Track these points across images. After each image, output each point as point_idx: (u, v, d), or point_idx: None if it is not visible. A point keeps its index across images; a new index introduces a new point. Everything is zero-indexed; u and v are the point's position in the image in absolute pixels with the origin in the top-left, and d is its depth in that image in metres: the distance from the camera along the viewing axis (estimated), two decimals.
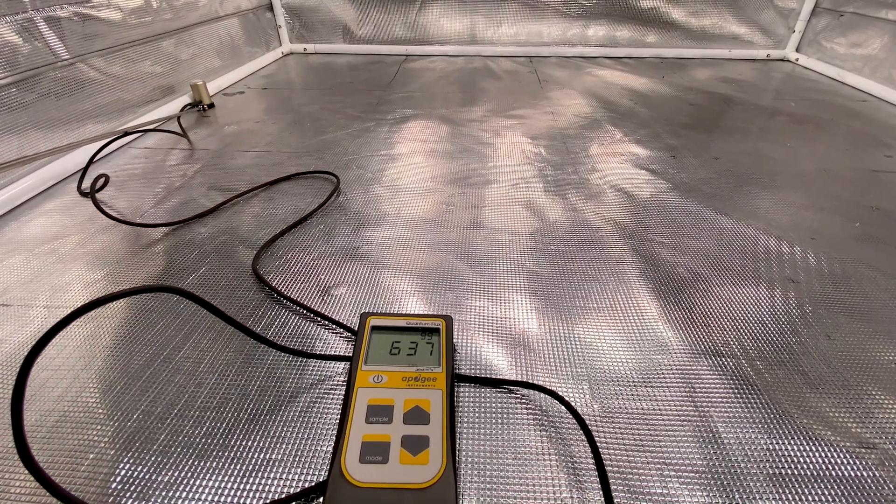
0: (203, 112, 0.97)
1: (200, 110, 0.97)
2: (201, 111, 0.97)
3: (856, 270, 0.51)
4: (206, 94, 0.98)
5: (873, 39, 1.14)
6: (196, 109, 0.97)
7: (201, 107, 0.97)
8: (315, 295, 0.47)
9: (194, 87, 0.97)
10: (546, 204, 0.64)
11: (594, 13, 1.36)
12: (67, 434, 0.34)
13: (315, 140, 0.84)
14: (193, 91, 0.98)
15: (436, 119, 0.93)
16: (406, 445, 0.29)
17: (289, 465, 0.32)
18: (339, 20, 1.41)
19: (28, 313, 0.45)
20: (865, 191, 0.68)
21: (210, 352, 0.40)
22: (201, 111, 0.97)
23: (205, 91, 0.98)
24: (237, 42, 1.22)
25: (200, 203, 0.64)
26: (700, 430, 0.35)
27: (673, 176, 0.71)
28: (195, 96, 0.98)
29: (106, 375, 0.38)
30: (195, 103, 0.98)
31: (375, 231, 0.58)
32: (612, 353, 0.41)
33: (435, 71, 1.27)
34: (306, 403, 0.36)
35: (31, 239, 0.56)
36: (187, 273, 0.50)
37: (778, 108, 1.00)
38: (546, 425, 0.34)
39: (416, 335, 0.37)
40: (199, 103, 0.97)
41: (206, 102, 0.98)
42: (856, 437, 0.34)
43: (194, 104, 0.97)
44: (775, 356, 0.41)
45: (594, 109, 0.99)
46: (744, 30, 1.37)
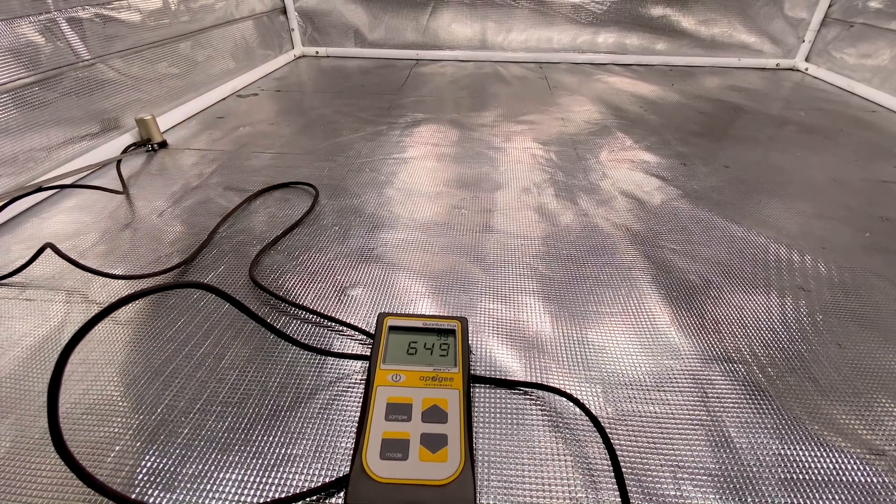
0: (155, 150, 0.80)
1: (152, 149, 0.80)
2: (150, 150, 0.80)
3: (866, 280, 0.52)
4: (156, 131, 0.81)
5: (883, 50, 1.14)
6: (145, 149, 0.80)
7: (151, 145, 0.80)
8: (332, 295, 0.48)
9: (141, 123, 0.79)
10: (557, 209, 0.64)
11: (604, 20, 1.37)
12: (93, 426, 0.34)
13: (328, 143, 0.85)
14: (140, 127, 0.79)
15: (447, 123, 0.94)
16: (425, 443, 0.30)
17: (309, 459, 0.32)
18: (351, 24, 1.42)
19: (50, 308, 0.46)
20: (875, 201, 0.68)
21: (230, 348, 0.41)
22: (150, 150, 0.80)
23: (154, 127, 0.80)
24: (251, 44, 1.23)
25: (217, 203, 0.65)
26: (713, 434, 0.35)
27: (683, 183, 0.72)
28: (142, 133, 0.80)
29: (129, 370, 0.39)
30: (142, 142, 0.80)
31: (389, 233, 0.59)
32: (624, 358, 0.41)
33: (445, 75, 1.28)
34: (325, 400, 0.37)
35: (51, 235, 0.57)
36: (207, 271, 0.51)
37: (787, 118, 1.00)
38: (561, 427, 0.35)
39: (432, 336, 0.38)
40: (148, 142, 0.80)
41: (157, 141, 0.80)
42: (866, 444, 0.35)
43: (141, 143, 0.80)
44: (786, 363, 0.41)
45: (604, 116, 0.99)
46: (753, 39, 1.37)
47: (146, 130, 0.79)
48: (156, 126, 0.80)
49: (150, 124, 0.79)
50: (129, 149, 0.77)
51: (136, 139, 0.82)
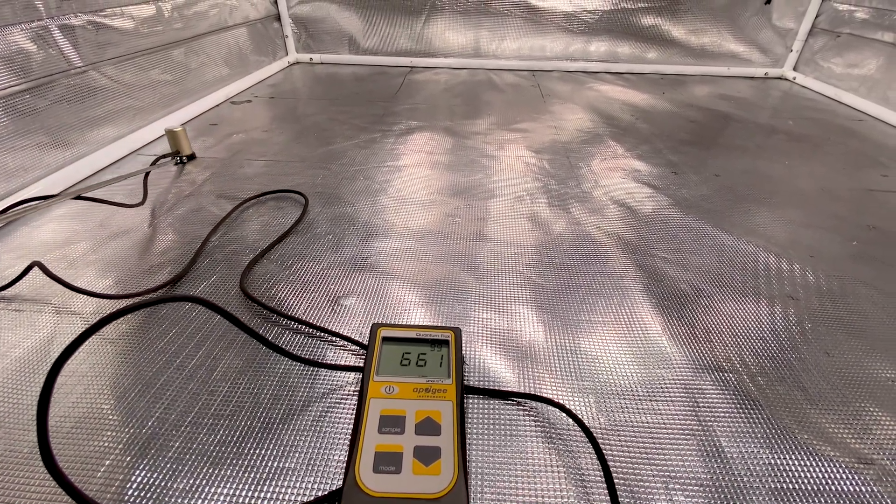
0: (184, 163, 0.78)
1: (180, 161, 0.78)
2: (182, 162, 0.78)
3: (854, 288, 0.52)
4: (185, 143, 0.78)
5: (869, 60, 1.16)
6: (173, 161, 0.78)
7: (180, 157, 0.78)
8: (325, 305, 0.48)
9: (170, 134, 0.76)
10: (550, 217, 0.65)
11: (596, 29, 1.38)
12: (83, 440, 0.34)
13: (322, 150, 0.85)
14: (169, 140, 0.77)
15: (440, 131, 0.95)
16: (418, 456, 0.30)
17: (302, 473, 0.32)
18: (346, 31, 1.43)
19: (39, 319, 0.45)
20: (862, 210, 0.69)
21: (222, 359, 0.41)
22: (182, 162, 0.78)
23: (184, 138, 0.77)
24: (245, 51, 1.23)
25: (210, 211, 0.64)
26: (704, 444, 0.35)
27: (674, 192, 0.72)
28: (173, 146, 0.78)
29: (120, 382, 0.39)
30: (172, 154, 0.78)
31: (383, 242, 0.59)
32: (617, 367, 0.42)
33: (439, 83, 1.28)
34: (318, 412, 0.37)
35: (41, 244, 0.57)
36: (199, 281, 0.51)
37: (776, 127, 1.02)
38: (554, 437, 0.35)
39: (425, 346, 0.38)
40: (177, 154, 0.78)
41: (186, 153, 0.79)
42: (855, 453, 0.35)
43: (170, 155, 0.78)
44: (776, 372, 0.42)
45: (596, 124, 1.00)
46: (742, 48, 1.39)
47: (175, 142, 0.77)
48: (185, 137, 0.78)
49: (180, 136, 0.77)
50: (158, 160, 0.75)
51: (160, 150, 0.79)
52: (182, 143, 0.77)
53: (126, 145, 0.82)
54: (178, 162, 0.78)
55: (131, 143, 0.83)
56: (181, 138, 0.77)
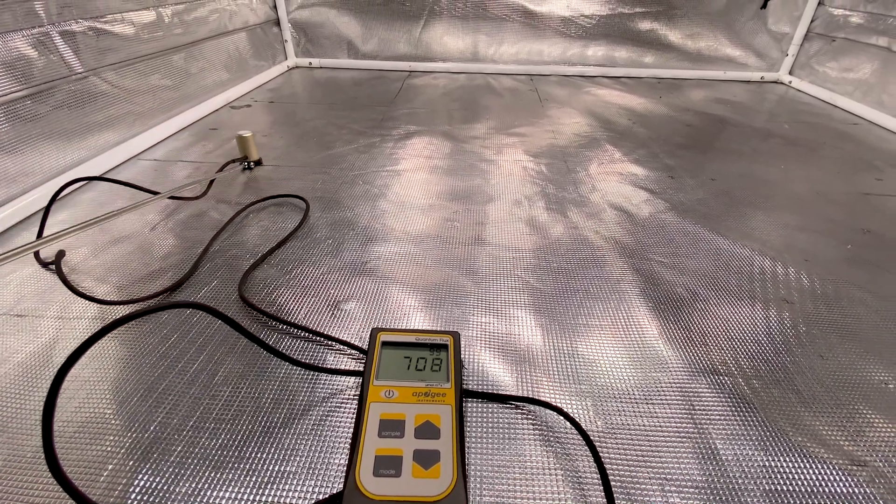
0: (251, 169, 0.79)
1: (248, 167, 0.79)
2: (249, 168, 0.79)
3: (847, 292, 0.53)
4: (253, 149, 0.79)
5: (864, 64, 1.17)
6: (241, 166, 0.78)
7: (248, 163, 0.79)
8: (325, 309, 0.48)
9: (240, 140, 0.78)
10: (548, 221, 0.65)
11: (593, 34, 1.39)
12: (86, 444, 0.34)
13: (322, 155, 0.85)
14: (239, 145, 0.78)
15: (439, 136, 0.95)
16: (418, 459, 0.30)
17: (303, 477, 0.33)
18: (345, 36, 1.44)
19: (41, 324, 0.46)
20: (857, 213, 0.70)
21: (224, 364, 0.41)
22: (249, 168, 0.79)
23: (252, 144, 0.78)
24: (244, 56, 1.24)
25: (210, 216, 0.65)
26: (699, 446, 0.36)
27: (671, 196, 0.73)
28: (241, 151, 0.78)
29: (122, 387, 0.39)
30: (239, 159, 0.78)
31: (383, 246, 0.59)
32: (614, 371, 0.42)
33: (438, 87, 1.29)
34: (319, 416, 0.37)
35: (42, 250, 0.57)
36: (200, 286, 0.51)
37: (771, 131, 1.03)
38: (552, 441, 0.36)
39: (425, 351, 0.39)
40: (245, 159, 0.78)
41: (253, 158, 0.79)
42: (848, 455, 0.35)
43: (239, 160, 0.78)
44: (771, 375, 0.42)
45: (593, 129, 1.01)
46: (738, 52, 1.41)
47: (244, 147, 0.77)
48: (253, 143, 0.78)
49: (249, 142, 0.77)
50: (226, 165, 0.76)
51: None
52: (251, 148, 0.78)
53: (126, 150, 0.82)
54: (246, 167, 0.79)
55: (132, 148, 0.84)
56: (250, 144, 0.78)
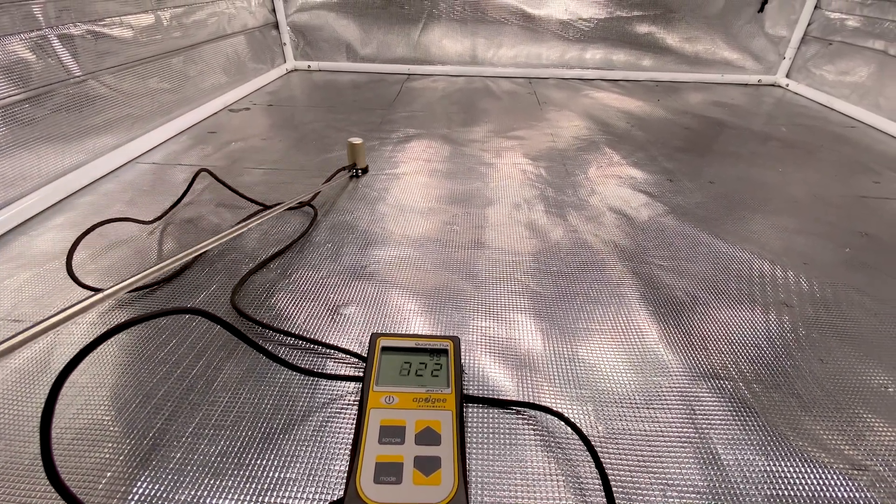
0: (358, 176, 0.78)
1: (355, 175, 0.78)
2: (356, 176, 0.78)
3: (846, 295, 0.53)
4: (362, 156, 0.78)
5: (861, 68, 1.18)
6: (349, 174, 0.78)
7: (356, 170, 0.78)
8: (324, 314, 0.48)
9: (351, 147, 0.77)
10: (547, 225, 0.66)
11: (592, 37, 1.40)
12: (85, 452, 0.34)
13: (321, 158, 0.85)
14: (348, 152, 0.77)
15: (438, 139, 0.95)
16: (419, 466, 0.30)
17: (304, 484, 0.32)
18: (343, 39, 1.44)
19: None
20: (854, 216, 0.70)
21: (223, 370, 0.41)
22: (356, 176, 0.78)
23: (362, 152, 0.77)
24: (243, 59, 1.24)
25: (208, 220, 0.65)
26: (700, 451, 0.36)
27: (670, 199, 0.73)
28: (350, 157, 0.77)
29: (121, 394, 0.39)
30: (348, 167, 0.77)
31: (382, 250, 0.59)
32: (614, 375, 0.42)
33: (437, 90, 1.29)
34: (319, 422, 0.37)
35: (40, 254, 0.57)
36: (199, 291, 0.51)
37: (769, 134, 1.03)
38: (553, 446, 0.35)
39: (425, 356, 0.38)
40: (353, 166, 0.78)
41: (361, 166, 0.79)
42: (848, 460, 0.35)
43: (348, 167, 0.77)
44: (771, 379, 0.42)
45: (592, 132, 1.01)
46: (736, 56, 1.41)
47: (354, 154, 0.77)
48: (363, 151, 0.78)
49: (359, 149, 0.77)
50: (337, 173, 0.75)
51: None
52: (360, 156, 0.77)
53: (125, 154, 0.82)
54: (354, 175, 0.78)
55: (130, 151, 0.83)
56: (360, 151, 0.77)
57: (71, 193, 0.71)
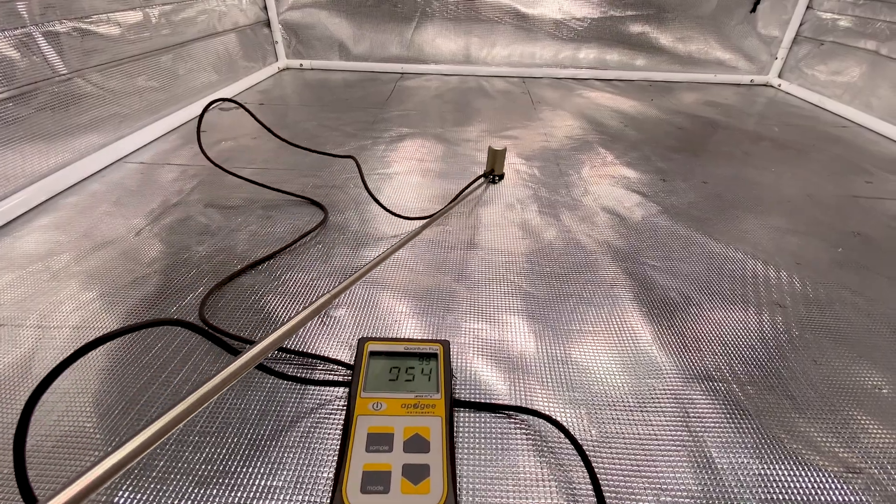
0: (494, 183, 0.76)
1: (492, 181, 0.76)
2: (493, 182, 0.76)
3: (839, 295, 0.53)
4: (502, 163, 0.75)
5: (852, 68, 1.18)
6: (487, 180, 0.76)
7: (493, 176, 0.76)
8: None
9: (492, 153, 0.74)
10: (540, 225, 0.65)
11: (585, 37, 1.39)
12: (65, 460, 0.33)
13: (312, 158, 0.84)
14: (489, 157, 0.75)
15: (431, 138, 0.95)
16: (407, 474, 0.29)
17: (290, 492, 0.32)
18: (336, 37, 1.43)
19: (20, 333, 0.44)
20: (847, 216, 0.70)
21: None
22: (493, 182, 0.76)
23: (503, 158, 0.75)
24: (234, 57, 1.22)
25: (197, 221, 0.64)
26: (694, 454, 0.35)
27: (663, 199, 0.73)
28: (490, 163, 0.75)
29: (103, 399, 0.38)
30: (486, 173, 0.75)
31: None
32: (608, 378, 0.41)
33: (430, 89, 1.29)
34: (306, 428, 0.36)
35: (23, 256, 0.56)
36: (185, 293, 0.50)
37: (762, 133, 1.03)
38: (545, 451, 0.35)
39: (414, 360, 0.38)
40: (491, 172, 0.75)
41: (499, 173, 0.76)
42: (843, 462, 0.35)
43: (486, 174, 0.75)
44: (765, 381, 0.42)
45: (585, 131, 1.01)
46: (728, 56, 1.41)
47: (494, 160, 0.75)
48: (504, 157, 0.75)
49: (500, 155, 0.74)
50: (476, 180, 0.74)
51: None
52: (500, 162, 0.75)
53: (112, 153, 0.81)
54: (491, 181, 0.76)
55: (118, 150, 0.82)
56: (501, 157, 0.75)
57: (56, 194, 0.70)
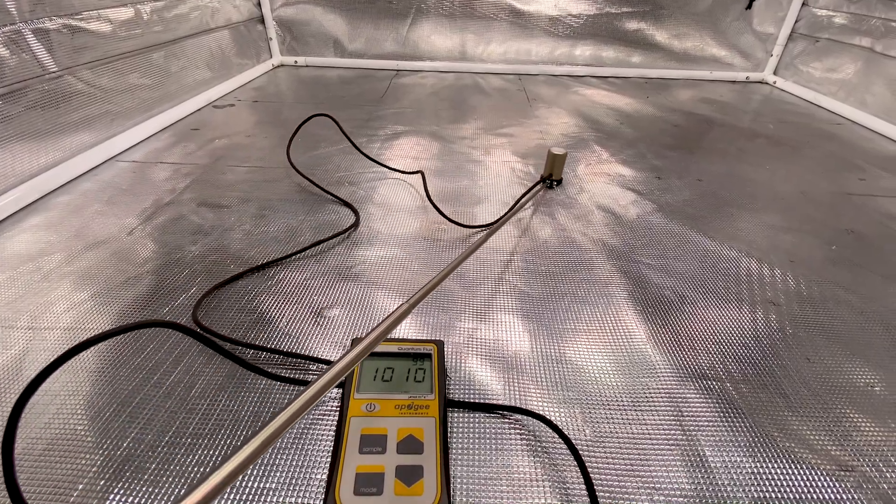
0: (551, 188, 0.75)
1: (549, 186, 0.76)
2: (550, 187, 0.76)
3: (833, 293, 0.53)
4: (561, 167, 0.75)
5: (847, 65, 1.19)
6: (545, 185, 0.75)
7: (550, 181, 0.75)
8: (308, 317, 0.47)
9: (550, 157, 0.74)
10: (536, 223, 0.65)
11: (581, 33, 1.39)
12: (56, 463, 0.33)
13: (306, 156, 0.84)
14: (548, 161, 0.74)
15: (427, 136, 0.94)
16: (400, 476, 0.29)
17: (283, 494, 0.32)
18: (331, 34, 1.42)
19: (11, 335, 0.44)
20: (840, 214, 0.70)
21: (201, 376, 0.40)
22: (550, 187, 0.76)
23: (562, 163, 0.74)
24: (227, 54, 1.21)
25: (190, 220, 0.63)
26: (688, 454, 0.35)
27: (658, 197, 0.73)
28: (548, 168, 0.75)
29: (94, 401, 0.38)
30: (544, 178, 0.75)
31: (368, 250, 0.58)
32: (602, 377, 0.41)
33: (425, 87, 1.28)
34: (299, 430, 0.36)
35: (14, 256, 0.55)
36: (178, 293, 0.50)
37: (757, 131, 1.03)
38: (539, 451, 0.35)
39: (407, 361, 0.38)
40: (549, 177, 0.75)
41: (557, 177, 0.76)
42: (835, 460, 0.35)
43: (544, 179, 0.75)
44: (758, 379, 0.42)
45: (581, 129, 1.01)
46: (724, 52, 1.41)
47: (553, 165, 0.74)
48: (563, 162, 0.75)
49: (560, 160, 0.74)
50: (535, 186, 0.72)
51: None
52: (559, 166, 0.75)
53: (104, 152, 0.80)
54: (549, 185, 0.76)
55: (109, 149, 0.81)
56: (560, 162, 0.74)
57: (47, 193, 0.69)
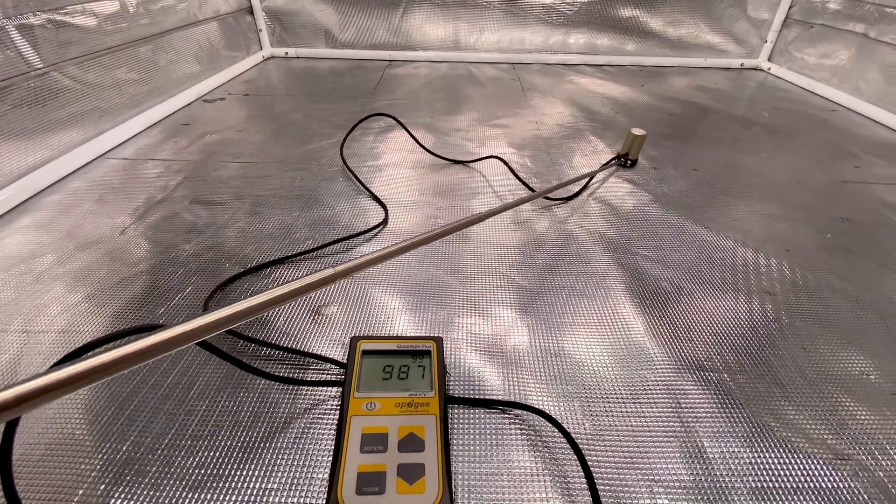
0: (625, 167, 0.79)
1: (623, 164, 0.79)
2: (624, 166, 0.79)
3: (828, 282, 0.54)
4: (638, 149, 0.78)
5: (841, 51, 1.18)
6: (619, 162, 0.79)
7: (625, 160, 0.78)
8: (305, 314, 0.47)
9: (630, 138, 0.77)
10: (532, 216, 0.65)
11: (575, 21, 1.38)
12: (55, 468, 0.33)
13: (300, 150, 0.83)
14: (627, 141, 0.77)
15: (421, 128, 0.93)
16: (402, 474, 0.29)
17: (285, 494, 0.32)
18: (321, 24, 1.39)
19: (4, 339, 0.44)
20: (835, 202, 0.70)
21: (200, 376, 0.40)
22: (624, 166, 0.79)
23: (640, 145, 0.77)
24: (216, 46, 1.19)
25: (183, 218, 0.62)
26: (686, 445, 0.36)
27: (654, 188, 0.73)
28: (626, 147, 0.78)
29: (92, 405, 0.37)
30: (621, 156, 0.78)
31: (364, 246, 0.58)
32: (601, 370, 0.42)
33: (419, 77, 1.27)
34: (300, 430, 0.36)
35: (5, 258, 0.54)
36: (173, 293, 0.49)
37: (751, 119, 1.03)
38: (539, 446, 0.35)
39: (407, 358, 0.38)
40: (626, 156, 0.78)
41: (633, 157, 0.78)
42: (831, 449, 0.36)
43: (620, 157, 0.78)
44: (755, 369, 0.42)
45: (576, 119, 1.00)
46: (718, 39, 1.41)
47: (631, 145, 0.76)
48: (641, 143, 0.77)
49: (639, 142, 0.76)
50: (611, 161, 0.75)
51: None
52: (637, 147, 0.77)
53: (93, 149, 0.79)
54: (623, 164, 0.79)
55: (98, 146, 0.80)
56: (639, 143, 0.77)
57: (36, 192, 0.68)
